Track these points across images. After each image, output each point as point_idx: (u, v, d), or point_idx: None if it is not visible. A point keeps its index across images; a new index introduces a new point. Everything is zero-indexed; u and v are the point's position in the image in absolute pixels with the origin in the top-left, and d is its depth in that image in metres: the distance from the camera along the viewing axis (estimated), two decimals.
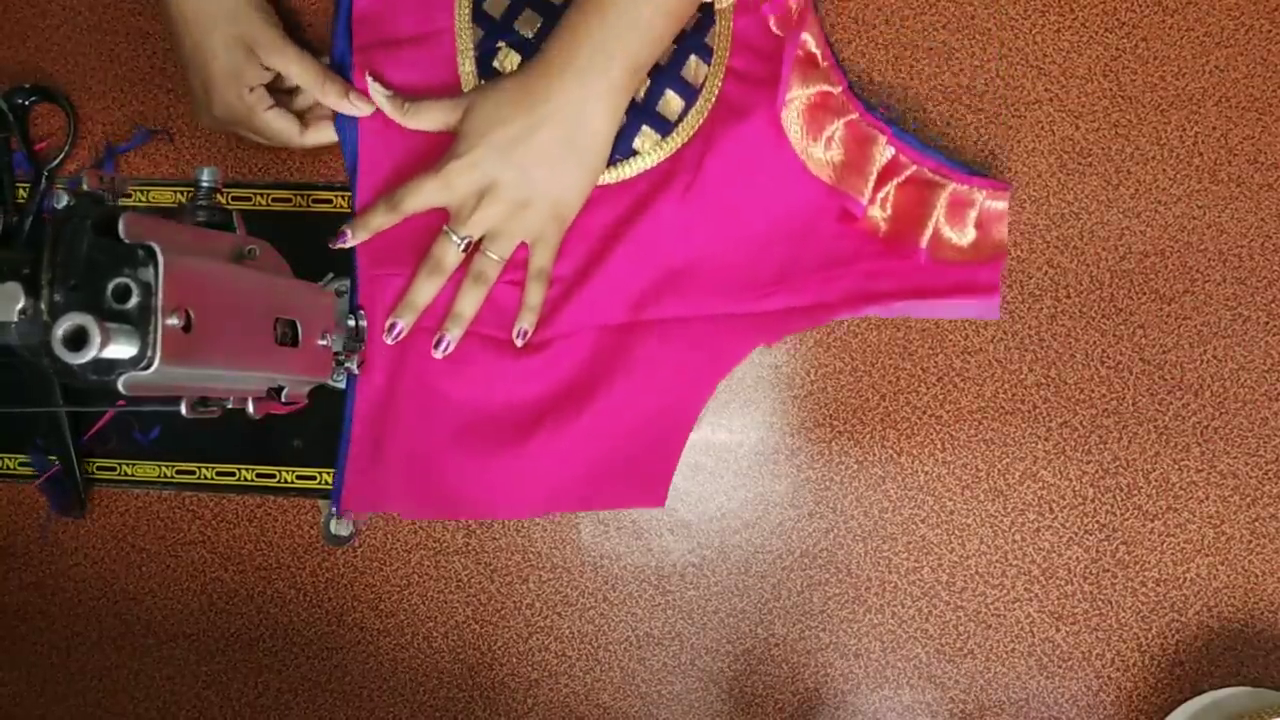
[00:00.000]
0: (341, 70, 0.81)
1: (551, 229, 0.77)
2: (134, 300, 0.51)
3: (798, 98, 0.76)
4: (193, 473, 0.82)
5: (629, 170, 0.79)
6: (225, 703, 0.82)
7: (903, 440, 0.78)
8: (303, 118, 0.79)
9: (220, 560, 0.82)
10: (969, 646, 0.77)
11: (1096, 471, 0.77)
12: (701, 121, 0.79)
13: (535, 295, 0.78)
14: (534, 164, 0.75)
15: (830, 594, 0.78)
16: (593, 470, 0.79)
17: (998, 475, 0.77)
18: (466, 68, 0.80)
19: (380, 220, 0.78)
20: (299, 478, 0.81)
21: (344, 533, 0.81)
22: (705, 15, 0.79)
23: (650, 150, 0.79)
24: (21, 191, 0.84)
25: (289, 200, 0.82)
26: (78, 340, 0.48)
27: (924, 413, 0.78)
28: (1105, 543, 0.76)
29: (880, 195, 0.76)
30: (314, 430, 0.80)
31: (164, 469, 0.82)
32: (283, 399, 0.69)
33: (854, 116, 0.77)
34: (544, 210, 0.76)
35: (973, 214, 0.76)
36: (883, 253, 0.77)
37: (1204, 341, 0.77)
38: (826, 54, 0.78)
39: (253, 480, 0.81)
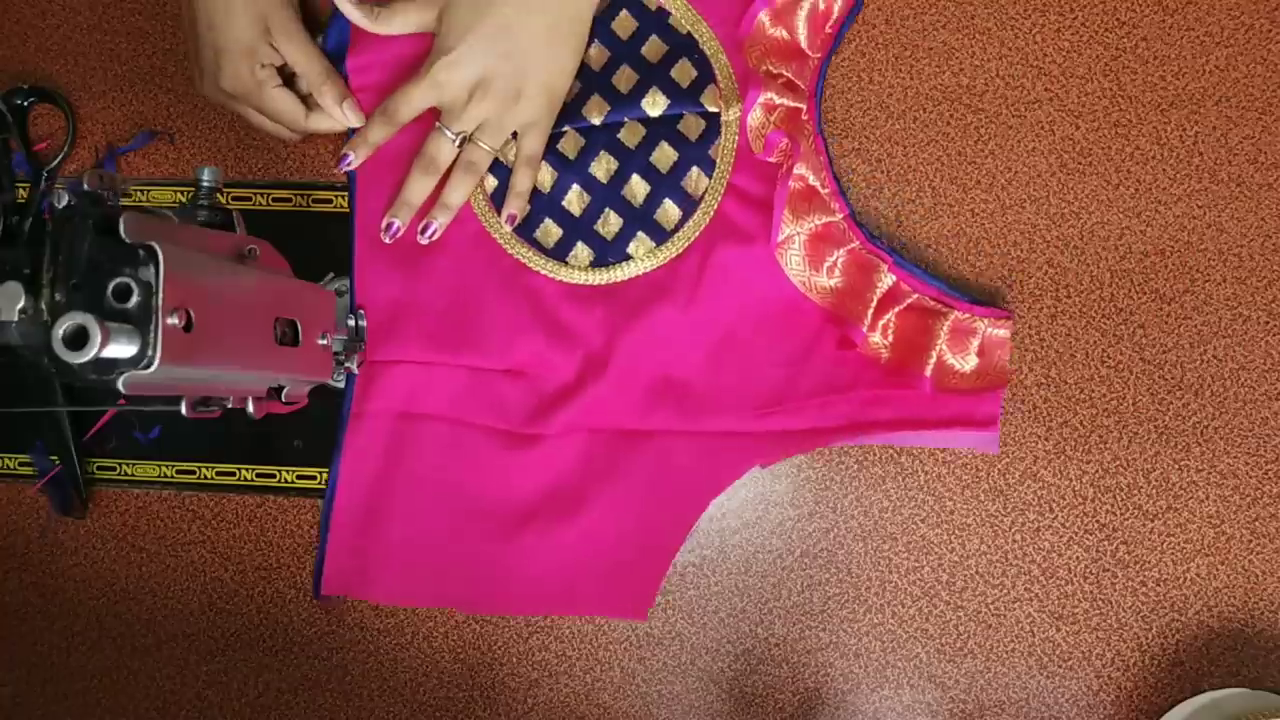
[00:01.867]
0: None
1: (544, 115, 0.77)
2: (134, 300, 0.51)
3: (797, 234, 0.76)
4: (193, 473, 0.82)
5: (620, 274, 0.79)
6: (225, 703, 0.82)
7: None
8: (307, 102, 0.79)
9: (220, 560, 0.82)
10: (969, 646, 0.77)
11: (1096, 471, 0.77)
12: (698, 234, 0.78)
13: (524, 181, 0.78)
14: (523, 52, 0.74)
15: (830, 594, 0.78)
16: (578, 576, 0.79)
17: (998, 475, 0.77)
18: None
19: (377, 134, 0.78)
20: (299, 478, 0.81)
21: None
22: (711, 126, 0.79)
23: (644, 257, 0.79)
24: (22, 192, 0.84)
25: (289, 200, 0.82)
26: (78, 340, 0.48)
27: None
28: (1105, 542, 0.76)
29: (881, 322, 0.75)
30: (314, 430, 0.80)
31: (164, 469, 0.82)
32: (283, 399, 0.69)
33: (855, 245, 0.77)
34: (537, 98, 0.76)
35: (975, 342, 0.75)
36: (884, 380, 0.76)
37: (1204, 341, 0.77)
38: (828, 180, 0.77)
39: (253, 480, 0.81)
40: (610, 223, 0.79)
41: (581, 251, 0.79)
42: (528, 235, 0.79)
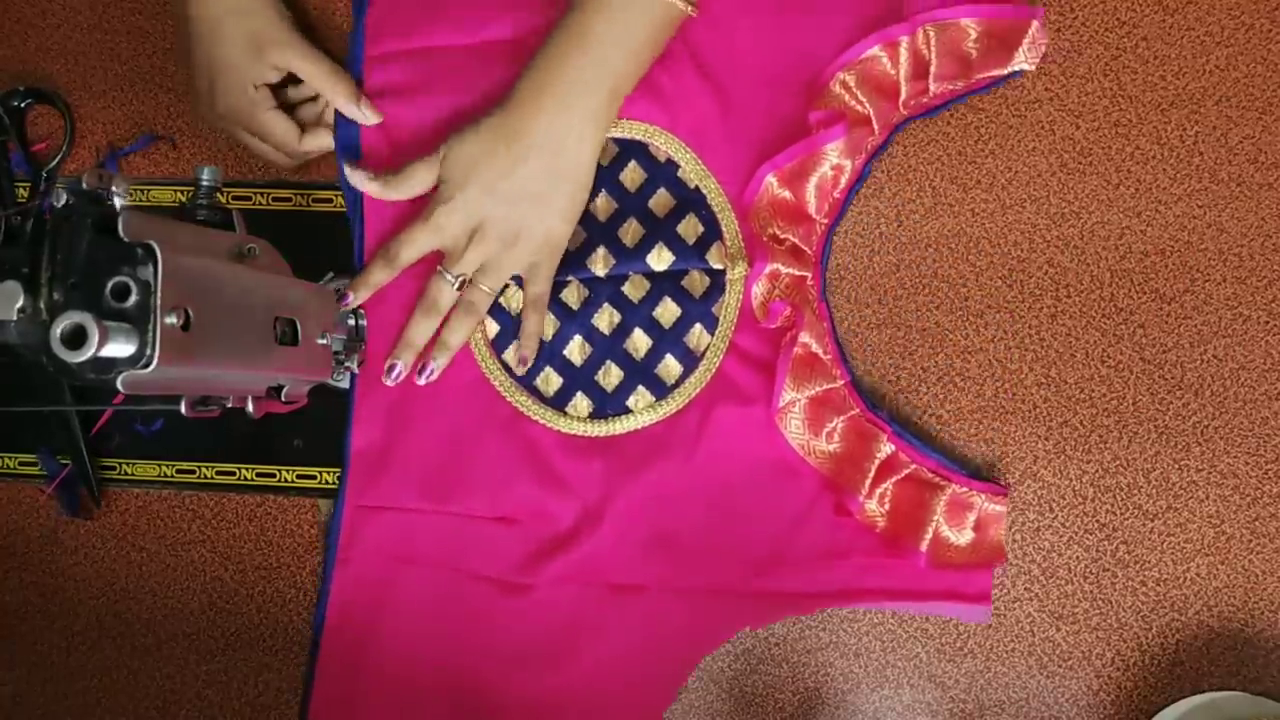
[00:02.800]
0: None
1: (544, 258, 0.77)
2: (133, 299, 0.51)
3: (798, 400, 0.76)
4: (193, 472, 0.82)
5: (619, 427, 0.78)
6: (225, 702, 0.82)
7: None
8: (302, 126, 0.79)
9: (220, 560, 0.82)
10: (969, 646, 0.77)
11: (1096, 471, 0.77)
12: (699, 391, 0.78)
13: (534, 323, 0.78)
14: (519, 198, 0.74)
15: None
16: None
17: (998, 475, 0.77)
18: None
19: (379, 276, 0.77)
20: (299, 477, 0.81)
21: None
22: (715, 284, 0.78)
23: (643, 411, 0.78)
24: (22, 192, 0.84)
25: (289, 200, 0.82)
26: (76, 339, 0.48)
27: (924, 412, 0.78)
28: (1105, 542, 0.76)
29: (879, 491, 0.75)
30: (314, 430, 0.80)
31: (164, 468, 0.82)
32: (283, 398, 0.69)
33: (855, 412, 0.76)
34: (535, 242, 0.76)
35: (972, 516, 0.75)
36: (879, 548, 0.76)
37: (1204, 341, 0.77)
38: (830, 346, 0.77)
39: (253, 480, 0.81)
40: (611, 375, 0.79)
41: (581, 402, 0.79)
42: (528, 383, 0.79)
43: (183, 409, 0.62)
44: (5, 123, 0.83)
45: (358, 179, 0.77)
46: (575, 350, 0.79)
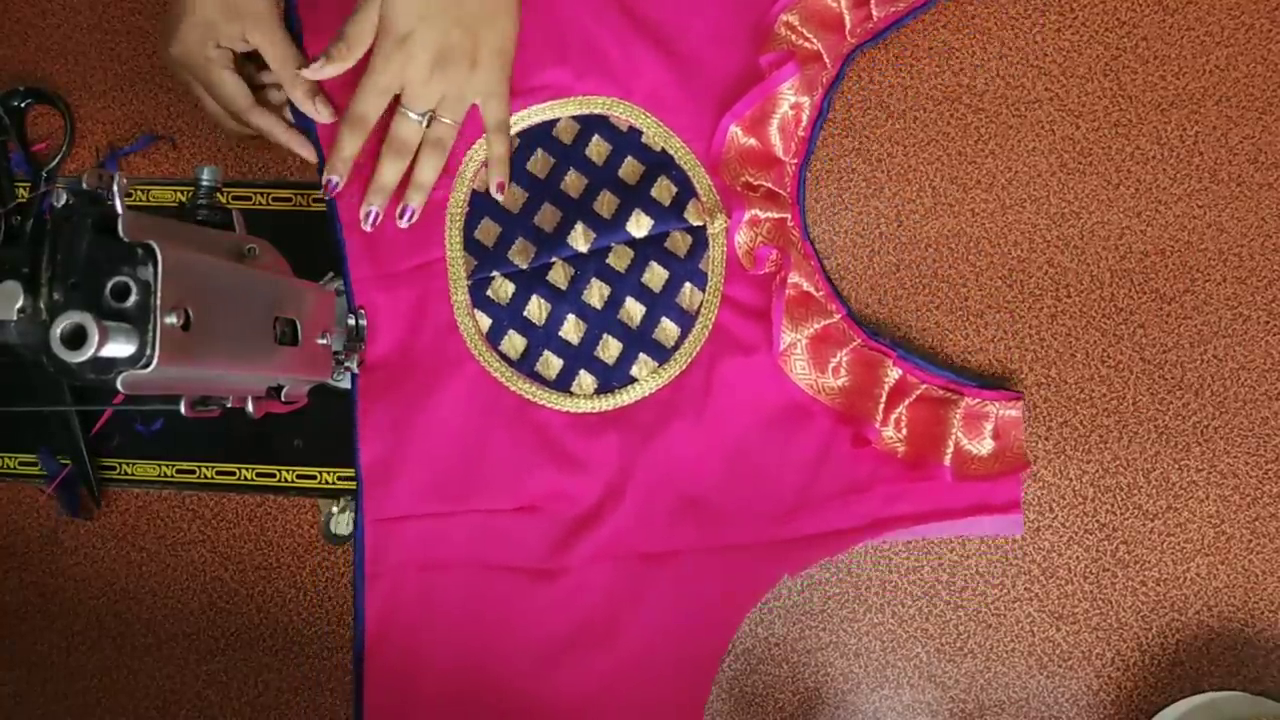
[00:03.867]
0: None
1: (500, 80, 0.77)
2: (133, 299, 0.51)
3: (799, 340, 0.76)
4: (193, 472, 0.82)
5: (627, 397, 0.78)
6: (225, 702, 0.82)
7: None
8: (256, 96, 0.78)
9: (220, 560, 0.82)
10: (969, 646, 0.77)
11: (1096, 471, 0.77)
12: (699, 349, 0.78)
13: (500, 146, 0.79)
14: (467, 18, 0.73)
15: (830, 594, 0.78)
16: (618, 705, 0.78)
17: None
18: (459, 296, 0.79)
19: (352, 146, 0.76)
20: (299, 477, 0.81)
21: (344, 532, 0.81)
22: (697, 241, 0.79)
23: (648, 378, 0.78)
24: (22, 192, 0.84)
25: (289, 200, 0.82)
26: (76, 339, 0.48)
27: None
28: (1105, 542, 0.76)
29: (894, 416, 0.75)
30: (314, 430, 0.80)
31: (164, 468, 0.82)
32: (283, 398, 0.69)
33: (857, 343, 0.76)
34: (491, 63, 0.76)
35: (989, 425, 0.75)
36: (903, 474, 0.76)
37: (1204, 341, 0.77)
38: (821, 283, 0.77)
39: (253, 480, 0.81)
40: (610, 347, 0.78)
41: (585, 379, 0.78)
42: (528, 369, 0.79)
43: (183, 409, 0.62)
44: (5, 123, 0.83)
45: (315, 70, 0.74)
46: (571, 329, 0.79)
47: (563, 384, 0.79)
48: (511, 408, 0.79)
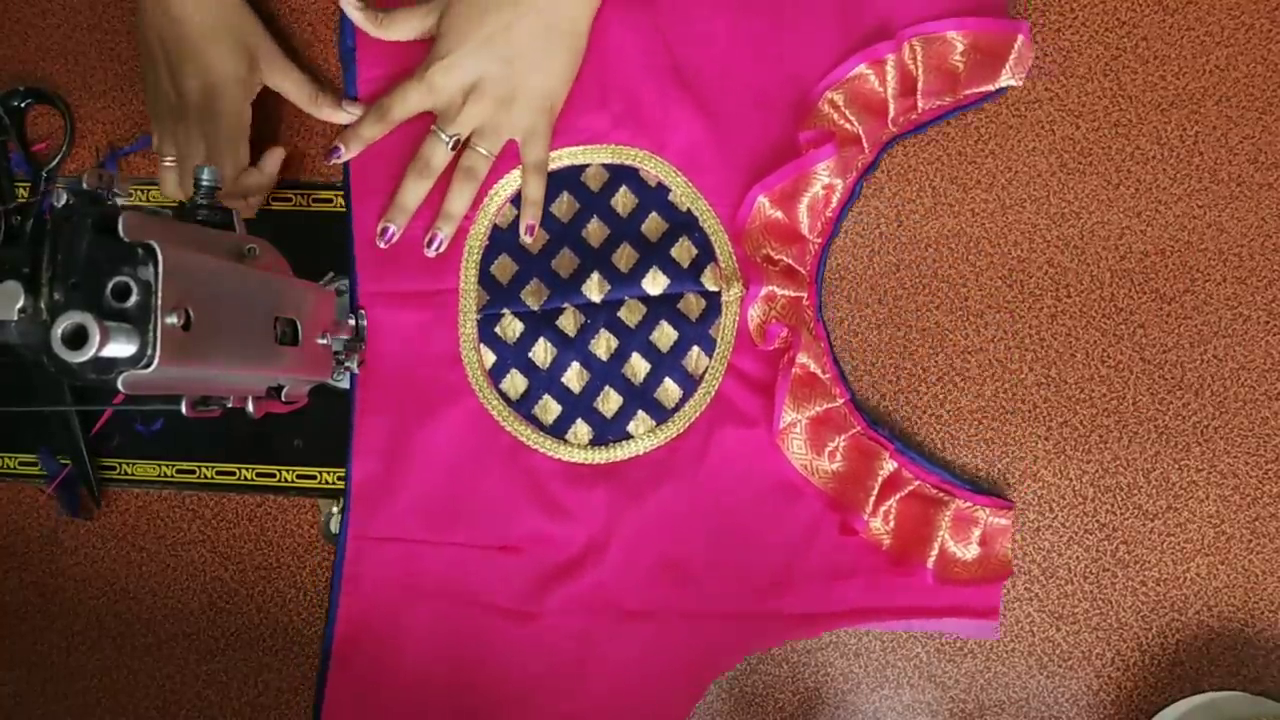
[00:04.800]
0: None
1: (541, 121, 0.77)
2: (134, 299, 0.51)
3: (799, 421, 0.76)
4: (193, 472, 0.82)
5: (621, 453, 0.78)
6: (225, 702, 0.82)
7: (903, 440, 0.78)
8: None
9: (220, 560, 0.82)
10: (969, 646, 0.77)
11: (1096, 471, 0.77)
12: (699, 414, 0.78)
13: (536, 189, 0.78)
14: (516, 56, 0.74)
15: None
16: None
17: (998, 475, 0.77)
18: (467, 329, 0.79)
19: (371, 131, 0.78)
20: (299, 477, 0.81)
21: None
22: (711, 306, 0.78)
23: (644, 436, 0.78)
24: (22, 192, 0.84)
25: (289, 199, 0.82)
26: (77, 339, 0.48)
27: (924, 412, 0.78)
28: (1105, 542, 0.76)
29: (883, 509, 0.75)
30: (314, 430, 0.80)
31: (164, 468, 0.82)
32: (283, 398, 0.69)
33: (856, 430, 0.76)
34: (532, 103, 0.76)
35: (977, 531, 0.75)
36: (886, 567, 0.76)
37: (1204, 341, 0.77)
38: (828, 365, 0.77)
39: (253, 480, 0.81)
40: (610, 400, 0.78)
41: (581, 429, 0.78)
42: (526, 411, 0.79)
43: (183, 409, 0.62)
44: (5, 123, 0.83)
45: (347, 4, 0.76)
46: (573, 377, 0.78)
47: (558, 431, 0.78)
48: (505, 448, 0.79)
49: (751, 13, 0.79)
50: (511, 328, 0.79)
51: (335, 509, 0.80)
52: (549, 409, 0.79)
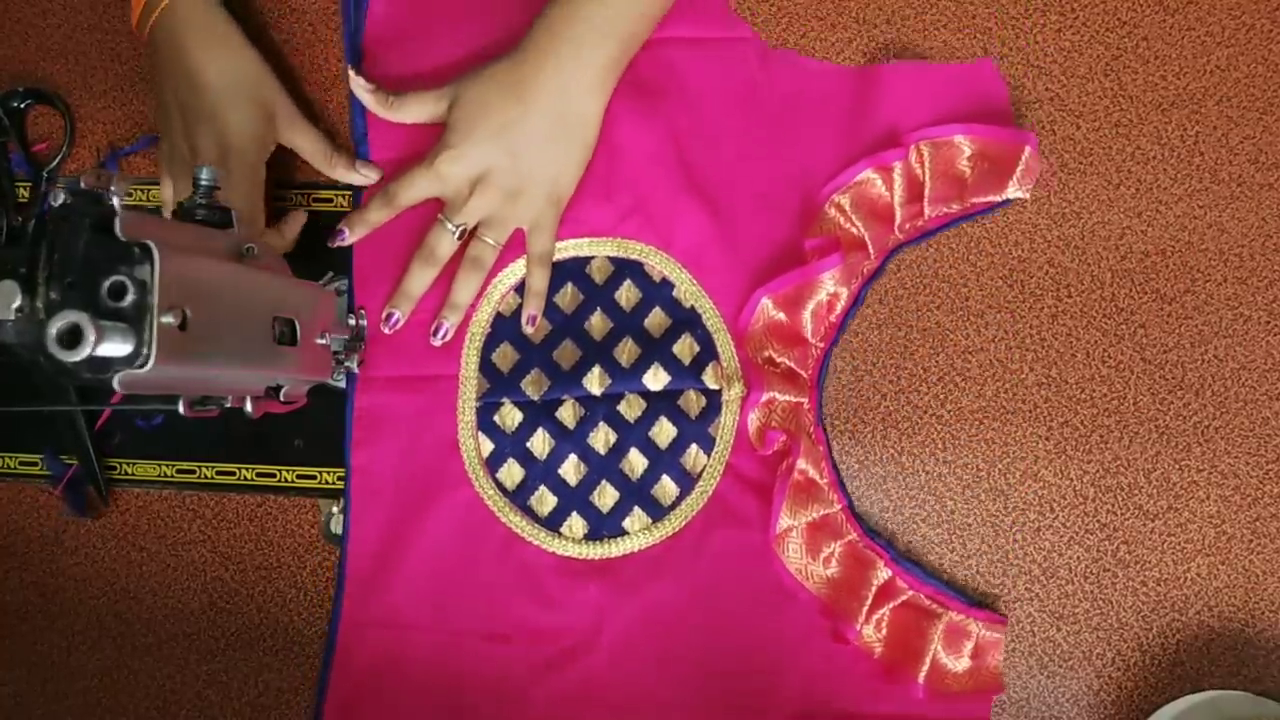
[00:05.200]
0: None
1: (548, 213, 0.77)
2: (130, 298, 0.51)
3: (796, 526, 0.75)
4: (193, 472, 0.82)
5: (616, 549, 0.77)
6: (225, 702, 0.82)
7: (904, 440, 0.78)
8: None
9: (220, 559, 0.82)
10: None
11: (1097, 471, 0.77)
12: (695, 513, 0.77)
13: (540, 280, 0.78)
14: (525, 149, 0.75)
15: None
16: None
17: (998, 475, 0.77)
18: (466, 416, 0.79)
19: (377, 215, 0.78)
20: (299, 477, 0.81)
21: (343, 532, 0.81)
22: (711, 404, 0.78)
23: (640, 533, 0.77)
24: (23, 192, 0.84)
25: (289, 199, 0.82)
26: (72, 338, 0.48)
27: (925, 412, 0.78)
28: (1106, 542, 0.76)
29: (876, 617, 0.75)
30: (314, 430, 0.80)
31: (164, 468, 0.82)
32: (282, 398, 0.69)
33: (852, 537, 0.76)
34: (539, 195, 0.76)
35: (969, 644, 0.75)
36: (876, 675, 0.76)
37: (1205, 341, 0.77)
38: (827, 471, 0.76)
39: (253, 479, 0.81)
40: (607, 495, 0.78)
41: (576, 523, 0.78)
42: (522, 502, 0.78)
43: (181, 409, 0.62)
44: (5, 124, 0.83)
45: (359, 86, 0.77)
46: (571, 470, 0.78)
47: (553, 523, 0.78)
48: (499, 538, 0.78)
49: (761, 115, 0.80)
50: (511, 417, 0.79)
51: (335, 509, 0.80)
52: (545, 501, 0.78)
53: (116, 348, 0.50)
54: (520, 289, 0.80)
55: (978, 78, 0.79)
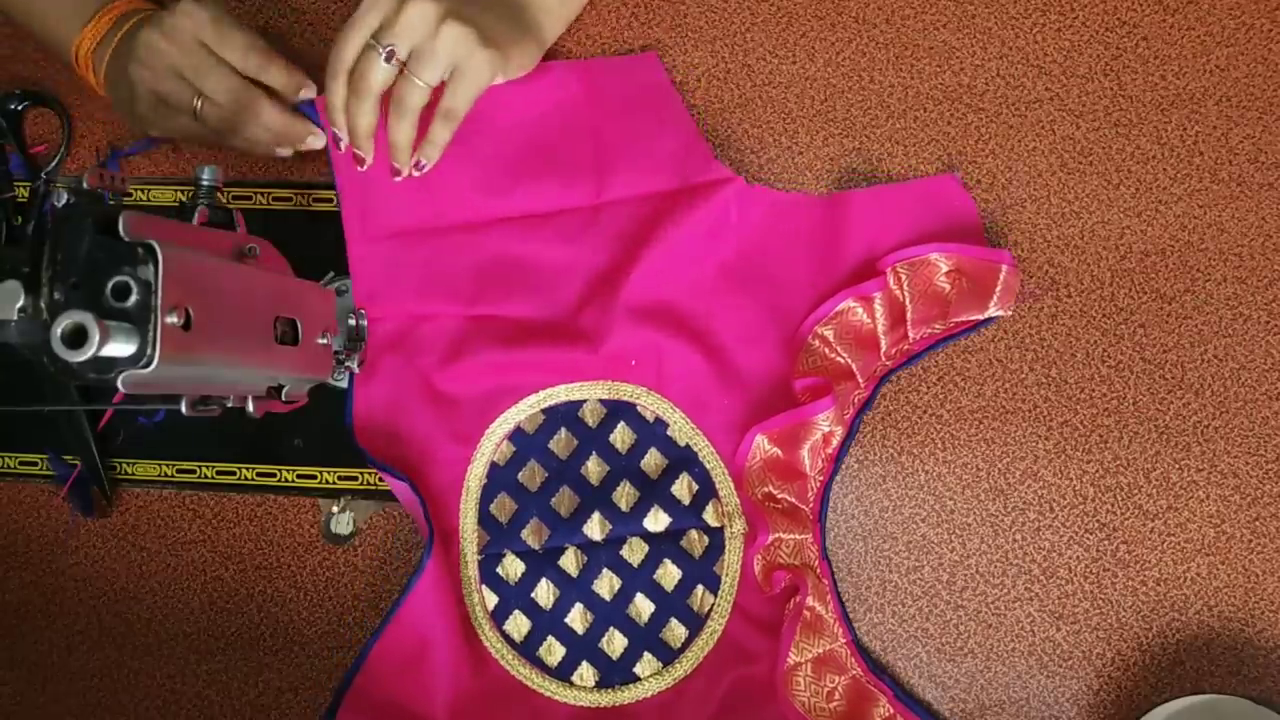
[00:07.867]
0: None
1: (477, 62, 0.70)
2: (134, 298, 0.51)
3: (803, 663, 0.75)
4: (193, 472, 0.82)
5: (628, 696, 0.77)
6: (225, 702, 0.82)
7: (903, 439, 0.78)
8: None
9: (221, 559, 0.82)
10: (969, 646, 0.77)
11: (1097, 471, 0.77)
12: (705, 654, 0.77)
13: (442, 132, 0.72)
14: (483, 5, 0.71)
15: None
16: None
17: (998, 474, 0.77)
18: (469, 571, 0.78)
19: (341, 93, 0.71)
20: (299, 477, 0.81)
21: (344, 532, 0.81)
22: (714, 543, 0.78)
23: (651, 678, 0.77)
24: (22, 193, 0.84)
25: (289, 199, 0.83)
26: (77, 338, 0.48)
27: (924, 412, 0.78)
28: (1106, 542, 0.76)
29: None
30: (314, 430, 0.80)
31: (164, 468, 0.82)
32: (283, 398, 0.69)
33: (856, 672, 0.76)
34: (471, 33, 0.69)
35: None
36: None
37: (1204, 341, 0.77)
38: (833, 606, 0.76)
39: (253, 479, 0.81)
40: (615, 642, 0.77)
41: (586, 671, 0.77)
42: (531, 654, 0.77)
43: (183, 409, 0.62)
44: (3, 126, 0.83)
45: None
46: (577, 618, 0.77)
47: (563, 673, 0.77)
48: (510, 690, 0.77)
49: (738, 252, 0.80)
50: (513, 568, 0.78)
51: (336, 509, 0.80)
52: (554, 651, 0.78)
53: (121, 348, 0.50)
54: (515, 437, 0.79)
55: (944, 194, 0.79)
